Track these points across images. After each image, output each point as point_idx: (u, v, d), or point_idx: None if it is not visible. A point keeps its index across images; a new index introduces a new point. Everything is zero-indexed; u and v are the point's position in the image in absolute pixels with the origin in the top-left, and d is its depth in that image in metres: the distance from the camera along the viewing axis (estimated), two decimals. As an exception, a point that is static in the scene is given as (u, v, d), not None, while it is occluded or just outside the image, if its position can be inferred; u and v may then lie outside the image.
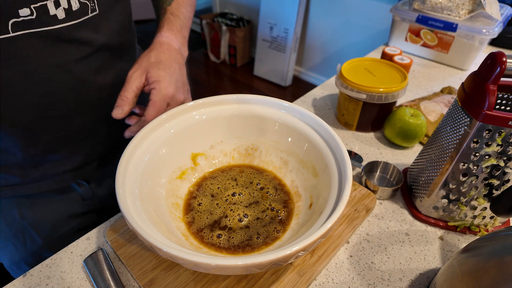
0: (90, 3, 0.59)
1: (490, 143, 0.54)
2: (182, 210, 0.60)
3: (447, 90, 1.02)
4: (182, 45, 0.73)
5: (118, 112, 0.60)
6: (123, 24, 0.69)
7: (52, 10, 0.53)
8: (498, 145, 0.53)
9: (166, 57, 0.67)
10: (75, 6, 0.56)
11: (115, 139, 0.77)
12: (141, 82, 0.63)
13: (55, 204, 0.75)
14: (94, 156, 0.76)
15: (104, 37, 0.64)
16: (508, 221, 0.65)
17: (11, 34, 0.50)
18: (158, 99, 0.62)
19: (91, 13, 0.60)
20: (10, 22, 0.50)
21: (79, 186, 0.77)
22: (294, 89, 3.25)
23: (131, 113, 0.65)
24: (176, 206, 0.60)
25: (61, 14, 0.54)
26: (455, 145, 0.57)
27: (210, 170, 0.68)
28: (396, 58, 1.01)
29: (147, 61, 0.65)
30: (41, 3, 0.51)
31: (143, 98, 0.66)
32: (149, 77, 0.63)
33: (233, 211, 0.60)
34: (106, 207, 0.82)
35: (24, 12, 0.50)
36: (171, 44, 0.70)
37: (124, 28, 0.70)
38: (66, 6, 0.55)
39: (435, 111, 0.91)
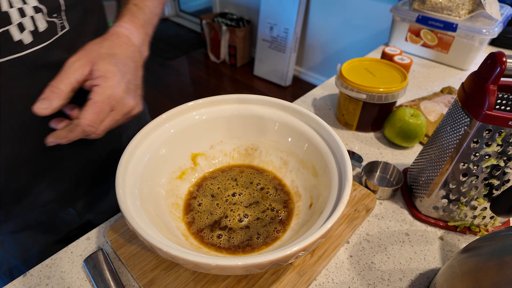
0: (58, 20, 0.52)
1: (490, 143, 0.54)
2: (182, 210, 0.60)
3: (447, 90, 1.02)
4: (144, 43, 0.61)
5: (43, 107, 0.48)
6: (100, 34, 0.57)
7: (16, 36, 0.47)
8: (498, 145, 0.53)
9: (122, 52, 0.55)
10: (42, 26, 0.50)
11: (100, 162, 0.72)
12: (83, 75, 0.50)
13: (41, 235, 0.71)
14: (80, 182, 0.71)
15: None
16: (508, 221, 0.65)
17: None
18: (100, 100, 0.50)
19: (61, 31, 0.53)
20: None
21: (66, 214, 0.72)
22: (294, 89, 3.25)
23: (58, 114, 0.52)
24: (176, 206, 0.60)
25: (27, 38, 0.49)
26: (455, 145, 0.57)
27: (210, 170, 0.68)
28: (396, 58, 1.01)
29: (97, 51, 0.52)
30: (2, 29, 0.46)
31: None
32: (94, 70, 0.50)
33: (233, 211, 0.60)
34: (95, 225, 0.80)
35: None
36: (131, 38, 0.58)
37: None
38: (32, 28, 0.49)
39: (435, 111, 0.91)
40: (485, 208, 0.61)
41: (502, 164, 0.55)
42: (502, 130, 0.52)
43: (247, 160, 0.70)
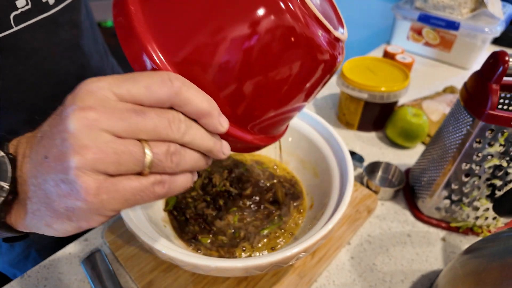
0: None
1: (492, 143, 0.53)
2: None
3: (449, 90, 1.02)
4: None
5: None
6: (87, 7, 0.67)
7: None
8: (500, 145, 0.53)
9: None
10: None
11: None
12: None
13: None
14: None
15: (84, 18, 0.62)
16: (511, 222, 0.65)
17: (15, 28, 0.49)
18: None
19: None
20: (12, 16, 0.49)
21: None
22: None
23: None
24: (175, 206, 0.60)
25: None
26: (457, 145, 0.56)
27: (209, 170, 0.68)
28: (398, 57, 1.01)
29: None
30: None
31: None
32: None
33: (232, 212, 0.60)
34: None
35: (20, 3, 0.49)
36: None
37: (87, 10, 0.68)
38: None
39: (437, 110, 0.90)
40: (488, 209, 0.60)
41: (504, 164, 0.54)
42: (505, 130, 0.51)
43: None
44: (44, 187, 0.27)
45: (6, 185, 0.29)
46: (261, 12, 0.27)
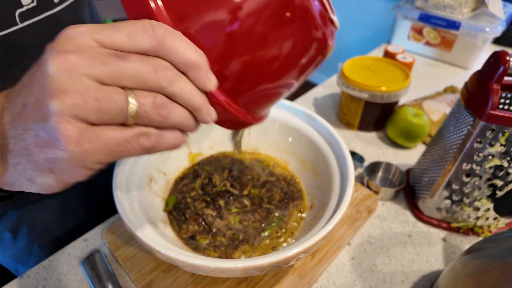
0: None
1: (493, 143, 0.53)
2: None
3: (450, 89, 1.01)
4: None
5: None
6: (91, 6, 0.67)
7: None
8: (501, 145, 0.53)
9: None
10: None
11: None
12: None
13: (52, 204, 0.70)
14: None
15: (88, 17, 0.62)
16: (512, 222, 0.65)
17: (20, 25, 0.49)
18: None
19: None
20: (17, 13, 0.49)
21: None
22: (295, 88, 3.24)
23: None
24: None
25: None
26: (458, 145, 0.56)
27: (209, 170, 0.68)
28: (398, 57, 1.01)
29: None
30: None
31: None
32: None
33: (231, 213, 0.60)
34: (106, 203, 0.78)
35: (25, 0, 0.49)
36: None
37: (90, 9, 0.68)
38: None
39: (438, 110, 0.90)
40: (489, 209, 0.60)
41: (505, 164, 0.54)
42: (506, 130, 0.51)
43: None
44: (24, 137, 0.26)
45: None
46: None
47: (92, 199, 0.75)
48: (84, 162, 0.26)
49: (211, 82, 0.28)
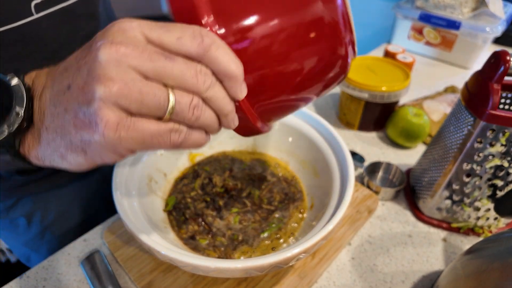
0: None
1: (494, 143, 0.53)
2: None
3: (450, 89, 1.01)
4: None
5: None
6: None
7: None
8: (502, 145, 0.53)
9: None
10: None
11: None
12: None
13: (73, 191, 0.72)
14: None
15: (102, 10, 0.63)
16: (513, 222, 0.65)
17: (35, 16, 0.50)
18: None
19: None
20: (33, 3, 0.49)
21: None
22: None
23: None
24: (175, 207, 0.59)
25: None
26: (458, 145, 0.56)
27: (209, 170, 0.67)
28: (398, 57, 1.01)
29: None
30: None
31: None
32: None
33: (231, 213, 0.59)
34: None
35: None
36: None
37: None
38: None
39: (438, 110, 0.90)
40: (489, 209, 0.60)
41: (506, 164, 0.54)
42: (506, 130, 0.51)
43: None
44: (63, 117, 0.28)
45: (21, 111, 0.30)
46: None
47: (105, 190, 0.75)
48: (117, 148, 0.27)
49: (242, 93, 0.30)
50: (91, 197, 0.75)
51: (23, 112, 0.30)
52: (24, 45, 0.51)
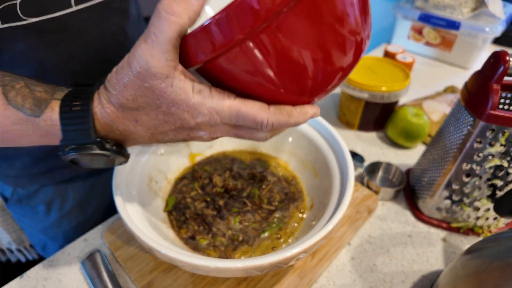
0: None
1: (493, 143, 0.53)
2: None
3: (450, 90, 1.01)
4: None
5: None
6: None
7: None
8: (501, 145, 0.53)
9: None
10: None
11: None
12: None
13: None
14: None
15: (132, 7, 0.65)
16: (512, 222, 0.65)
17: (74, 8, 0.52)
18: None
19: None
20: None
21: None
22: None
23: None
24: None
25: None
26: (458, 145, 0.56)
27: (209, 170, 0.68)
28: (398, 57, 1.01)
29: None
30: None
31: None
32: None
33: (232, 213, 0.60)
34: None
35: None
36: None
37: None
38: None
39: (438, 110, 0.90)
40: (489, 209, 0.60)
41: (505, 164, 0.54)
42: (506, 130, 0.51)
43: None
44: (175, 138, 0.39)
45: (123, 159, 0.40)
46: None
47: None
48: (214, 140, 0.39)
49: (307, 118, 0.38)
50: (107, 189, 0.75)
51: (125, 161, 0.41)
52: (61, 34, 0.53)
